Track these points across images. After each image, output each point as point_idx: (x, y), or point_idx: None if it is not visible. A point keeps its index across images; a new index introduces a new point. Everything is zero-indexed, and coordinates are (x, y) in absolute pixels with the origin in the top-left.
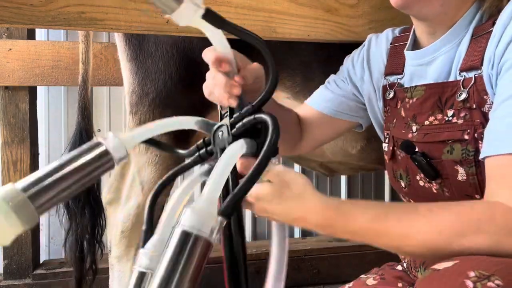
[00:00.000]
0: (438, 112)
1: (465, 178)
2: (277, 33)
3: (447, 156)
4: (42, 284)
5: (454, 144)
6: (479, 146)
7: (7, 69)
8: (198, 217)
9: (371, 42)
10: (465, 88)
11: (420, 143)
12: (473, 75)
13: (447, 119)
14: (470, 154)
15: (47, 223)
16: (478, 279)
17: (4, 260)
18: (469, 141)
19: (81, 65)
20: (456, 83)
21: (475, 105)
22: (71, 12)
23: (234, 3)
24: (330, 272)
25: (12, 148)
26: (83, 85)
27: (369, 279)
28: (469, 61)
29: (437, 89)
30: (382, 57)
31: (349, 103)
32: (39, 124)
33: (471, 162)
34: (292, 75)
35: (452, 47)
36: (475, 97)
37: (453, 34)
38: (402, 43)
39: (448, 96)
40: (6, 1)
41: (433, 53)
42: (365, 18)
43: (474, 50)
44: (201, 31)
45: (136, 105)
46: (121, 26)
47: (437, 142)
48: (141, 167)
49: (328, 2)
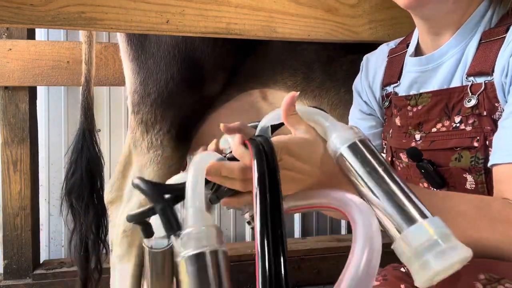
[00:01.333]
0: (446, 118)
1: (474, 186)
2: (277, 33)
3: (455, 163)
4: (42, 284)
5: (463, 152)
6: (489, 153)
7: (7, 69)
8: (197, 235)
9: (368, 61)
10: (474, 94)
11: (426, 151)
12: (483, 81)
13: (454, 126)
14: (479, 162)
15: (47, 223)
16: (488, 281)
17: (4, 260)
18: (479, 148)
19: (84, 66)
20: (463, 89)
21: (486, 112)
22: (71, 12)
23: (234, 3)
24: (330, 272)
25: (12, 148)
26: (86, 85)
27: None
28: (478, 66)
29: (444, 95)
30: (380, 70)
31: (380, 131)
32: (39, 124)
33: (480, 170)
34: (293, 74)
35: (458, 51)
36: (485, 103)
37: (460, 35)
38: (400, 53)
39: (455, 102)
40: (6, 1)
41: (439, 58)
42: (365, 18)
43: (484, 55)
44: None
45: (138, 105)
46: (121, 26)
47: (445, 149)
48: (143, 166)
49: (328, 2)
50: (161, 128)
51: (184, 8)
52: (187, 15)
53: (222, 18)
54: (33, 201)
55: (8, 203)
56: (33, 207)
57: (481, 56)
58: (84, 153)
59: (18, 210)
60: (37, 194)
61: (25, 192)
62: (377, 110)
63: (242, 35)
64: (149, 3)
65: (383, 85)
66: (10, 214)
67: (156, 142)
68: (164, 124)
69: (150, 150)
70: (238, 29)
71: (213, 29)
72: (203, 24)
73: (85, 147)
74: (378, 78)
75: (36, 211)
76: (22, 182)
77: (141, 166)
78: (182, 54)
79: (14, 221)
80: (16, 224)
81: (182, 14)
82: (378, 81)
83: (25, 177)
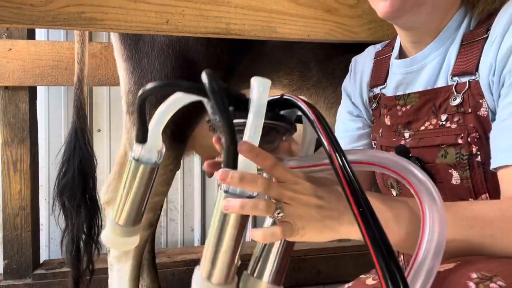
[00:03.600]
0: (433, 117)
1: (459, 181)
2: (277, 33)
3: (441, 160)
4: (42, 284)
5: (448, 148)
6: (472, 150)
7: (7, 69)
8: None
9: (356, 62)
10: (459, 93)
11: (414, 148)
12: (467, 80)
13: (441, 124)
14: (463, 158)
15: (47, 223)
16: (480, 280)
17: (4, 260)
18: (463, 145)
19: (76, 65)
20: (448, 88)
21: (471, 109)
22: (71, 12)
23: (234, 3)
24: (330, 272)
25: (12, 148)
26: (78, 85)
27: (369, 279)
28: (462, 67)
29: (431, 95)
30: (367, 71)
31: (367, 132)
32: (39, 124)
33: (464, 165)
34: (289, 73)
35: (440, 53)
36: (470, 101)
37: (441, 40)
38: (386, 56)
39: (442, 101)
40: (6, 1)
41: (422, 60)
42: (365, 18)
43: (466, 56)
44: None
45: (132, 104)
46: (121, 26)
47: (432, 146)
48: None
49: (328, 2)
50: None
51: (184, 8)
52: (187, 15)
53: (222, 18)
54: (33, 201)
55: (8, 203)
56: (33, 207)
57: (464, 57)
58: (76, 153)
59: (18, 210)
60: (37, 194)
61: (25, 192)
62: (363, 111)
63: (242, 35)
64: (149, 3)
65: (370, 87)
66: (10, 214)
67: None
68: None
69: None
70: (238, 29)
71: (213, 29)
72: (203, 24)
73: (78, 146)
74: (365, 79)
75: (36, 211)
76: (22, 182)
77: None
78: (176, 53)
79: (14, 221)
80: (16, 224)
81: (182, 14)
82: (365, 83)
83: (25, 177)
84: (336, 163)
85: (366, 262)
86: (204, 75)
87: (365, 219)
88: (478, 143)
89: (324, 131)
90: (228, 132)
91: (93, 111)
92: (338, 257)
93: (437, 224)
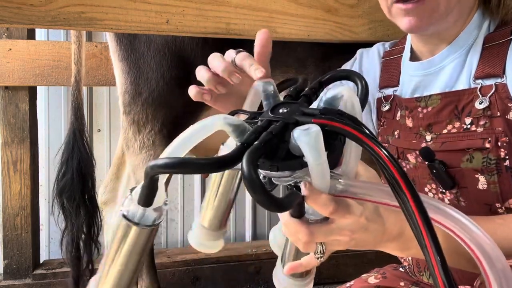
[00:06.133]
0: (456, 120)
1: (486, 186)
2: (277, 33)
3: (466, 164)
4: (42, 284)
5: (474, 153)
6: (500, 154)
7: (7, 69)
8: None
9: (362, 56)
10: (485, 96)
11: (437, 152)
12: (493, 82)
13: (465, 127)
14: (491, 162)
15: (47, 223)
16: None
17: (4, 260)
18: (490, 149)
19: (73, 66)
20: (471, 91)
21: (500, 113)
22: (71, 12)
23: (234, 3)
24: (330, 272)
25: (12, 148)
26: (76, 85)
27: (371, 277)
28: (486, 69)
29: (453, 97)
30: (375, 70)
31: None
32: (39, 124)
33: (492, 170)
34: (286, 71)
35: (459, 55)
36: (498, 104)
37: (459, 42)
38: (396, 56)
39: (465, 104)
40: (6, 1)
41: (440, 62)
42: (365, 18)
43: (490, 58)
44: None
45: (129, 105)
46: (121, 26)
47: (456, 150)
48: (136, 167)
49: (328, 2)
50: (152, 127)
51: (184, 8)
52: (187, 15)
53: (222, 18)
54: (33, 201)
55: (8, 203)
56: (33, 207)
57: (487, 59)
58: (75, 154)
59: (18, 210)
60: (37, 194)
61: (25, 192)
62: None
63: (242, 35)
64: (149, 3)
65: (380, 87)
66: (10, 214)
67: (148, 142)
68: (155, 123)
69: (142, 151)
70: (238, 29)
71: (213, 29)
72: (203, 24)
73: (76, 147)
74: (374, 78)
75: (36, 211)
76: (22, 182)
77: (134, 167)
78: (172, 53)
79: (14, 221)
80: (16, 224)
81: (182, 14)
82: (373, 82)
83: (25, 177)
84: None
85: (366, 262)
86: (245, 162)
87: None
88: (507, 147)
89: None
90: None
91: (93, 111)
92: (338, 257)
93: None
